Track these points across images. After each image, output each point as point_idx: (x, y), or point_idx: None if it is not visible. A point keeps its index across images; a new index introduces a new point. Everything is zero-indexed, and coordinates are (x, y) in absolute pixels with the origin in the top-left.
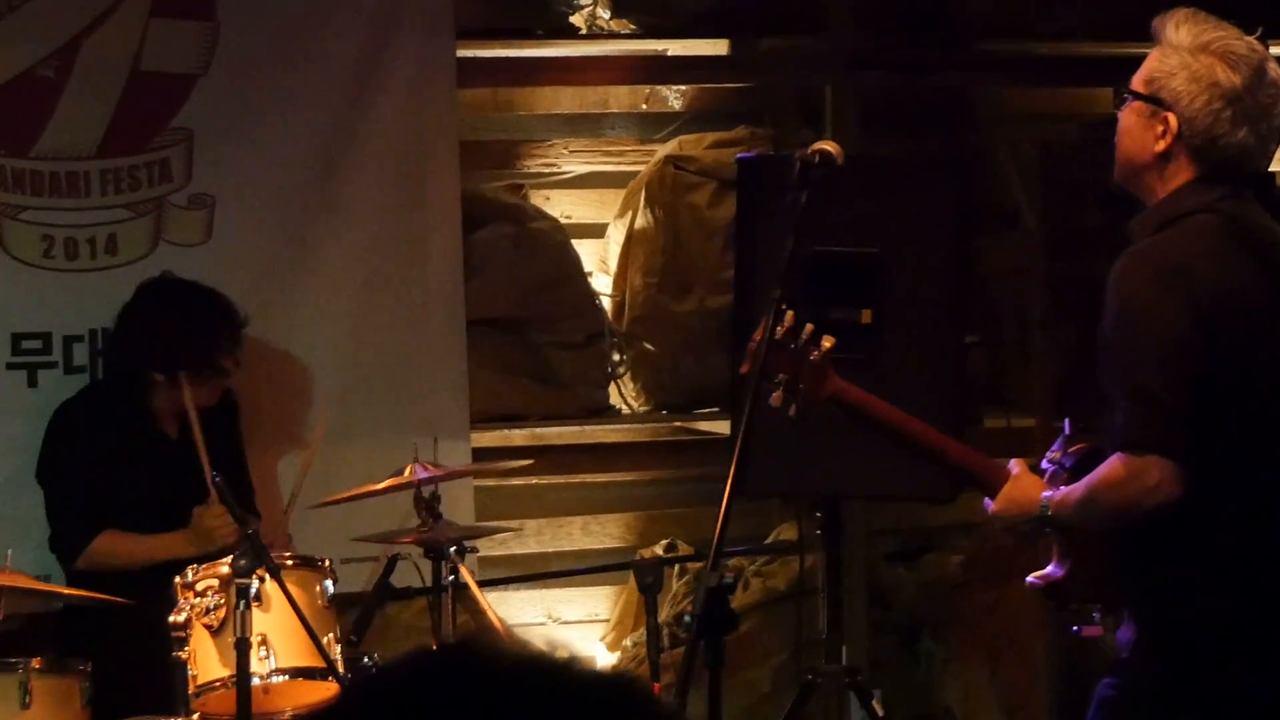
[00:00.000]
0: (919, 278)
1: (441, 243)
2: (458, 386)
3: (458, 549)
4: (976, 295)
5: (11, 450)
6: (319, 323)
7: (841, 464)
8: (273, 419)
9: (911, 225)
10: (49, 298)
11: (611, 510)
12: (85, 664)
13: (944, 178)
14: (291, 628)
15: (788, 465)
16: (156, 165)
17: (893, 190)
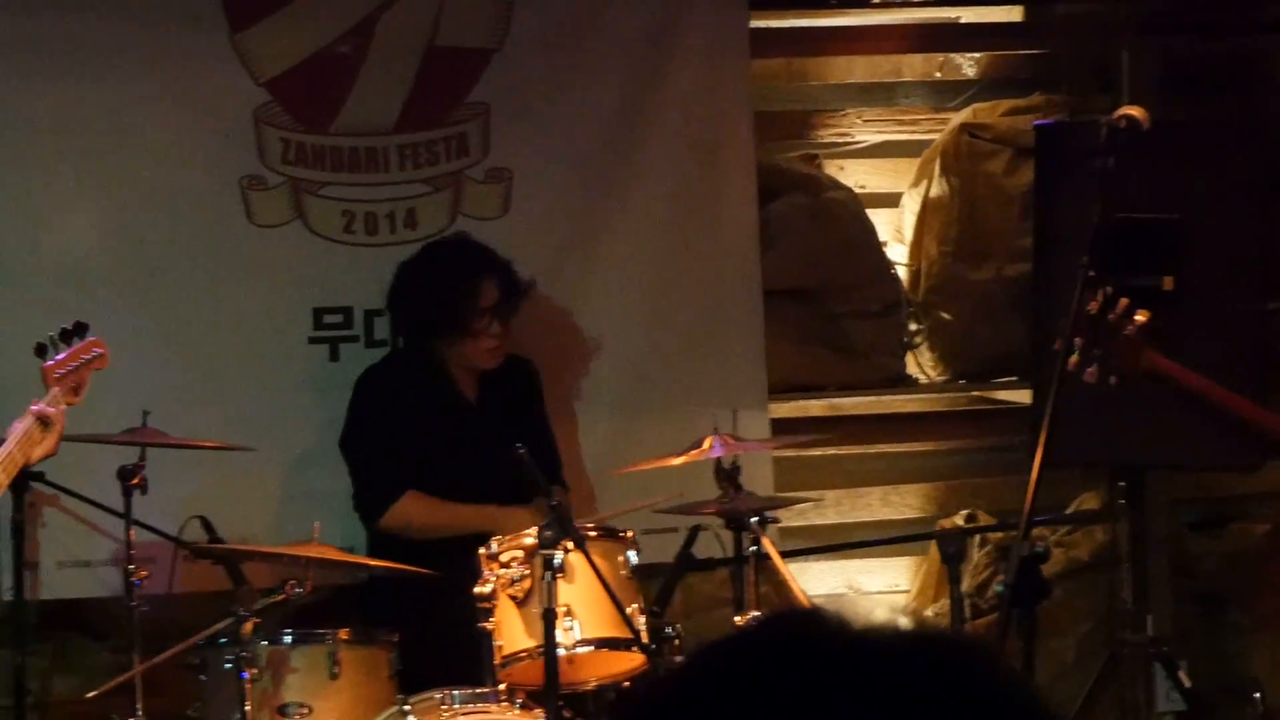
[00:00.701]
0: (1219, 243)
1: (737, 214)
2: (755, 357)
3: (759, 519)
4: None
5: (316, 424)
6: (617, 295)
7: (1146, 432)
8: (574, 391)
9: (1211, 190)
10: (350, 272)
11: (910, 480)
12: (392, 635)
13: (1243, 141)
14: (596, 598)
15: (1092, 434)
16: (454, 140)
17: (1192, 155)
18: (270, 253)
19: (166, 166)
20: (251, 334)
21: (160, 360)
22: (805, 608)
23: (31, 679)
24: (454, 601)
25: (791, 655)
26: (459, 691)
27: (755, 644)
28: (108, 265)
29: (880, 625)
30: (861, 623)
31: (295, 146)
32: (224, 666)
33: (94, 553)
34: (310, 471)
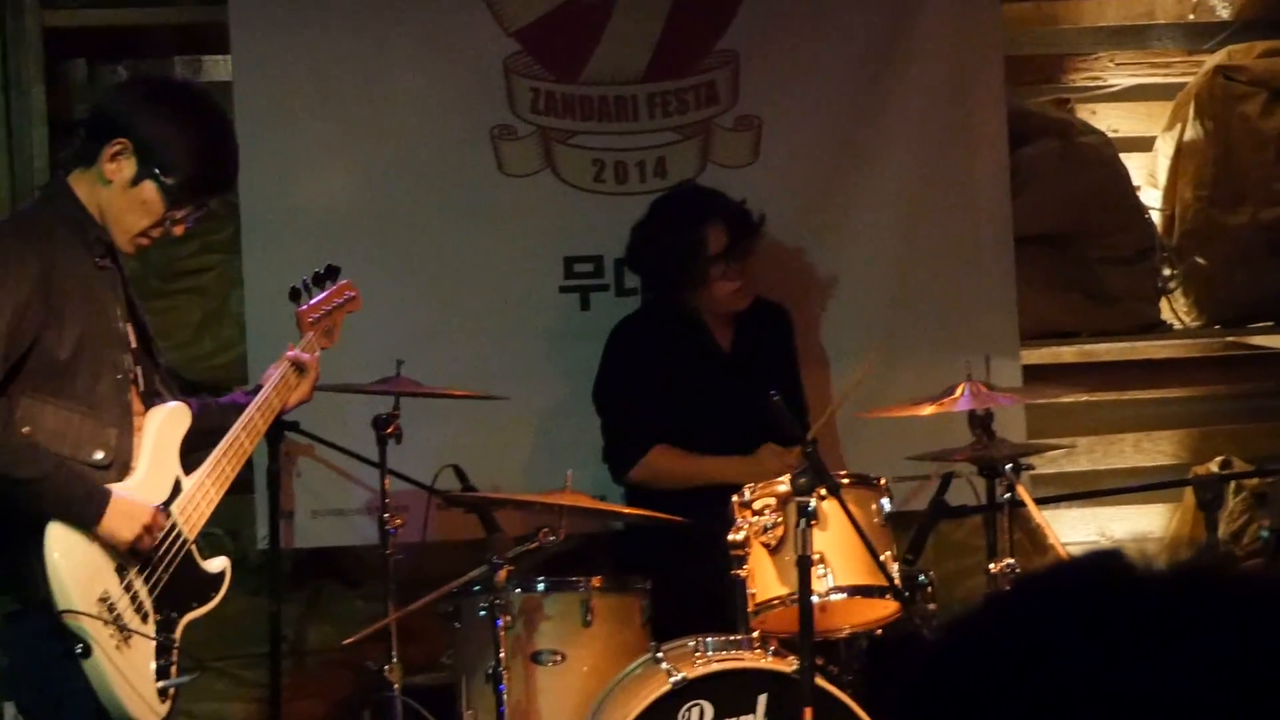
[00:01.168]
0: None
1: (987, 159)
2: (1007, 304)
3: (1013, 467)
4: None
5: (567, 373)
6: (867, 242)
7: None
8: (826, 339)
9: None
10: (600, 221)
11: (1164, 427)
12: (644, 582)
13: None
14: (849, 546)
15: None
16: (703, 87)
17: None
18: (521, 202)
19: (418, 117)
20: (503, 283)
21: (413, 309)
22: (1112, 550)
23: (286, 626)
24: (706, 549)
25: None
26: (712, 639)
27: (1064, 582)
28: (361, 216)
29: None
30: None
31: (545, 96)
32: (478, 614)
33: (348, 502)
34: (562, 420)
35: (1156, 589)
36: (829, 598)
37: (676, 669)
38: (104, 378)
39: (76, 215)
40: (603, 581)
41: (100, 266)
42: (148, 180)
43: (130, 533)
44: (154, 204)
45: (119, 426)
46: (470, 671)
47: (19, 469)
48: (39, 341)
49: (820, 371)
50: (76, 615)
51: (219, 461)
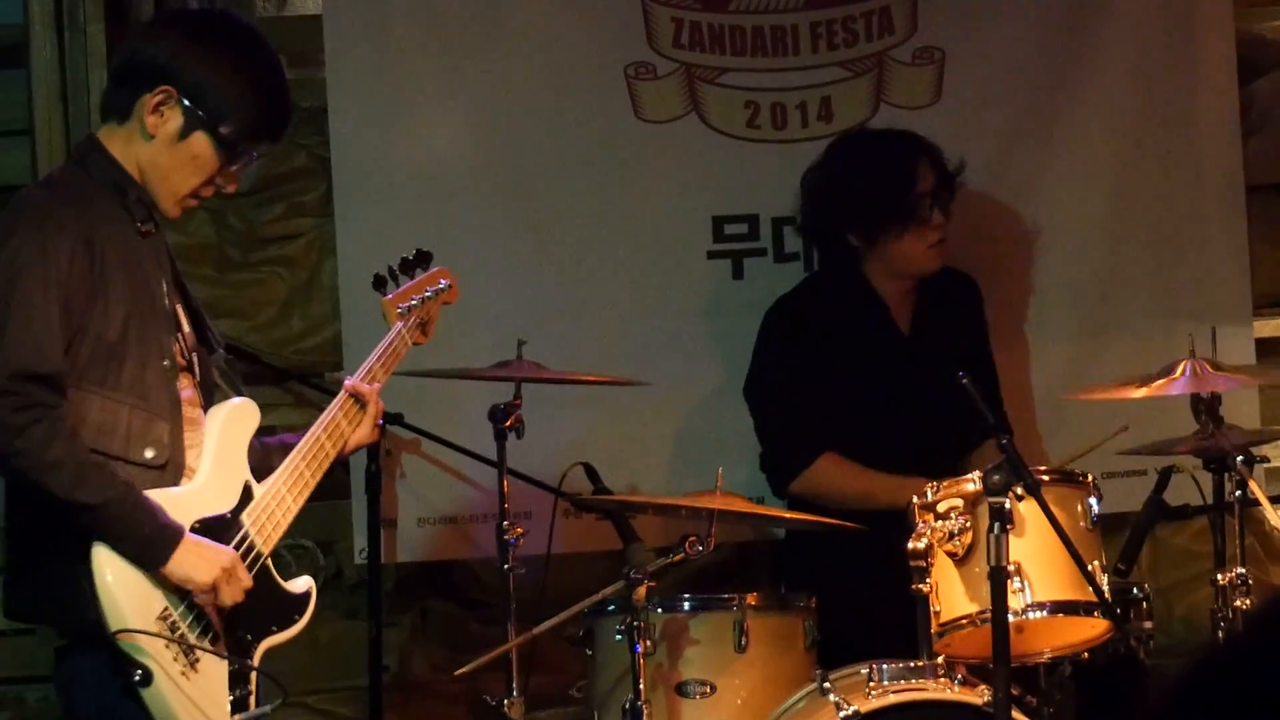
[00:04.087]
0: None
1: (1213, 97)
2: (1237, 265)
3: (1244, 459)
4: None
5: (717, 354)
6: (1070, 196)
7: None
8: (1020, 310)
9: None
10: (755, 174)
11: None
12: (808, 600)
13: None
14: (1051, 554)
15: None
16: (876, 15)
17: None
18: (662, 152)
19: (540, 56)
20: (641, 248)
21: (535, 281)
22: None
23: (388, 654)
24: (882, 560)
25: None
26: (889, 666)
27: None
28: (474, 171)
29: None
30: None
31: (689, 27)
32: (614, 638)
33: (461, 508)
34: (711, 410)
35: None
36: (1026, 615)
37: (847, 701)
38: (151, 364)
39: (114, 176)
40: (759, 599)
41: (144, 233)
42: (199, 131)
43: (207, 575)
44: (207, 159)
45: (169, 420)
46: (604, 706)
47: (79, 490)
48: (88, 323)
49: (1012, 352)
50: (132, 635)
51: (297, 466)
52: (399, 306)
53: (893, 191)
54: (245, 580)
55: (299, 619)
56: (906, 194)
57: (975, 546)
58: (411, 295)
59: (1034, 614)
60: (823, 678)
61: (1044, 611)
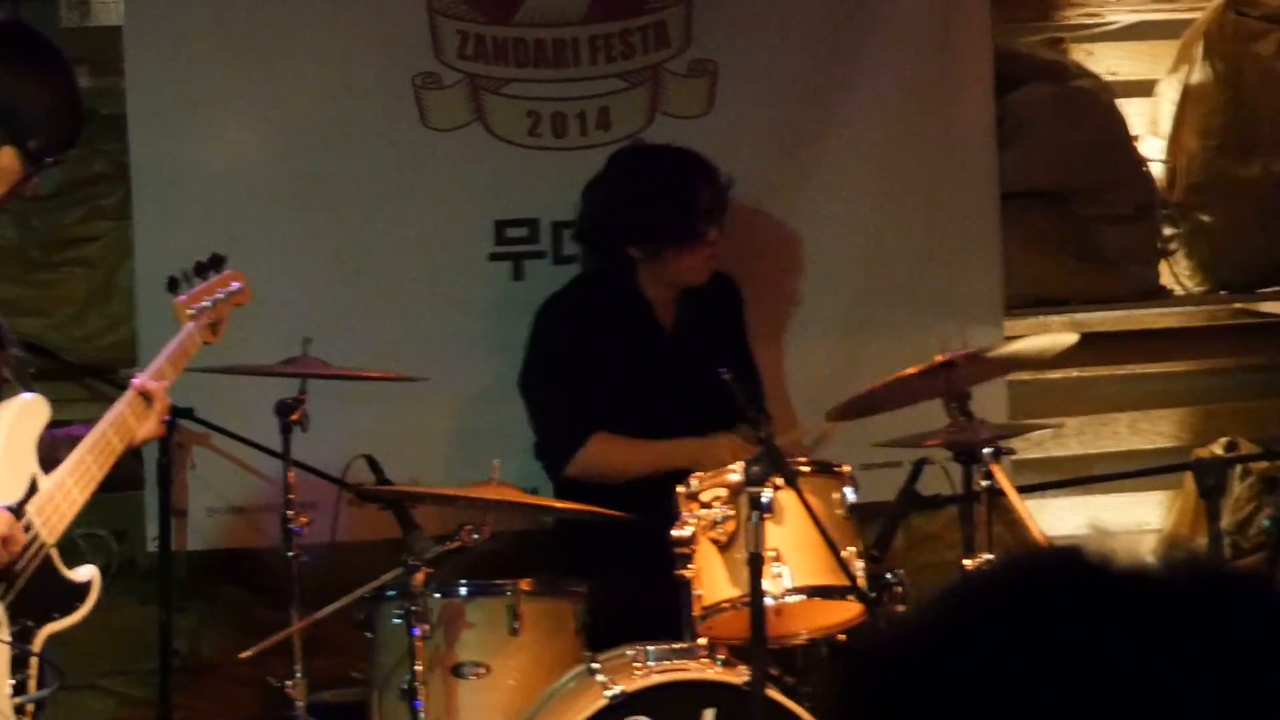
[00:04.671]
0: None
1: (972, 106)
2: (991, 268)
3: (992, 451)
4: None
5: (497, 352)
6: (835, 201)
7: None
8: (782, 308)
9: None
10: (535, 180)
11: (1163, 405)
12: (579, 585)
13: None
14: (808, 541)
15: None
16: (652, 29)
17: None
18: (446, 159)
19: (330, 66)
20: (425, 251)
21: (323, 282)
22: (1064, 545)
23: (179, 638)
24: (649, 548)
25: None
26: (654, 647)
27: (1020, 579)
28: (267, 177)
29: (1149, 561)
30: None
31: (474, 39)
32: (393, 622)
33: (249, 498)
34: (489, 405)
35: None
36: (784, 599)
37: (613, 682)
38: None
39: None
40: (532, 585)
41: None
42: (7, 146)
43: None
44: (12, 171)
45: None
46: (383, 686)
47: None
48: None
49: (776, 350)
50: None
51: (83, 459)
52: (190, 308)
53: (675, 213)
54: (19, 545)
55: (80, 606)
56: (687, 216)
57: (737, 534)
58: (203, 297)
59: (791, 598)
60: (591, 659)
61: (801, 595)
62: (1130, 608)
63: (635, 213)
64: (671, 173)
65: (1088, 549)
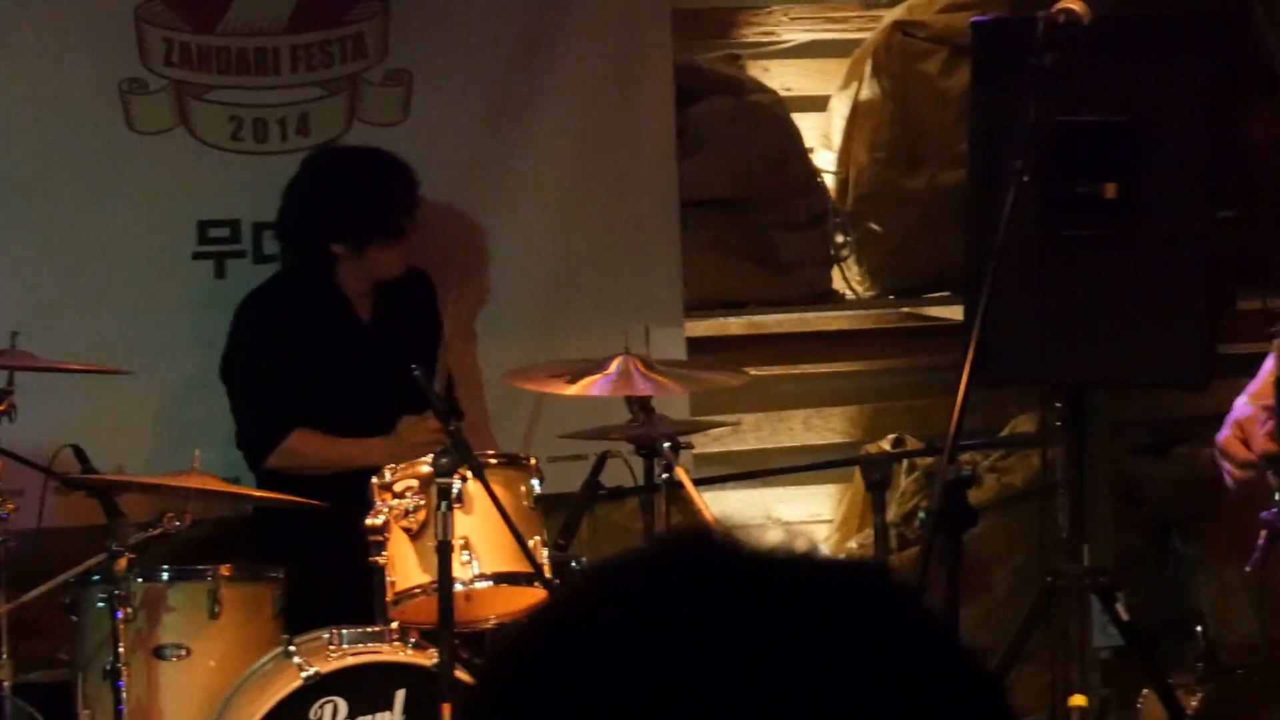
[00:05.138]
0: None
1: (654, 118)
2: (671, 271)
3: (671, 445)
4: (1232, 167)
5: (199, 346)
6: (524, 206)
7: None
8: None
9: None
10: (238, 183)
11: (835, 403)
12: (277, 571)
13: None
14: (495, 530)
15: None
16: (350, 40)
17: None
18: (151, 162)
19: (37, 70)
20: (130, 249)
21: (31, 278)
22: (694, 529)
23: None
24: (344, 535)
25: (677, 577)
26: (348, 630)
27: (641, 566)
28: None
29: (776, 548)
30: (756, 545)
31: (179, 47)
32: (96, 605)
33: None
34: (192, 397)
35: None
36: (473, 586)
37: (309, 663)
38: None
39: None
40: (232, 570)
41: None
42: None
43: None
44: None
45: None
46: (87, 668)
47: None
48: None
49: (469, 345)
50: None
51: None
52: None
53: (375, 209)
54: None
55: None
56: (387, 211)
57: (428, 523)
58: None
59: (480, 584)
60: (289, 642)
61: (489, 582)
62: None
63: (337, 209)
64: (369, 170)
65: (715, 534)
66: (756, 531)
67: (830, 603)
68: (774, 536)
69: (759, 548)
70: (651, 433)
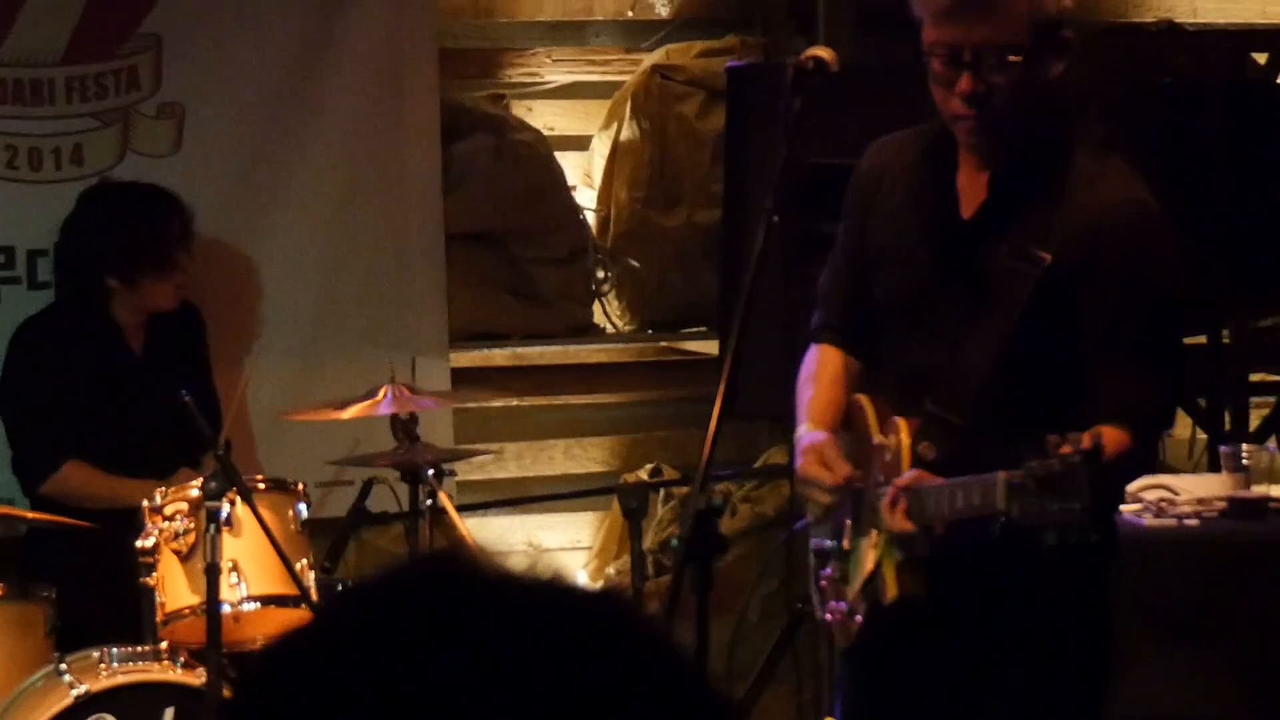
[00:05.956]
0: None
1: (420, 154)
2: (436, 303)
3: (436, 472)
4: None
5: None
6: (293, 236)
7: None
8: (244, 336)
9: None
10: (13, 210)
11: (595, 433)
12: (49, 590)
13: None
14: (263, 553)
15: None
16: (124, 73)
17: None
18: None
19: None
20: None
21: None
22: (443, 552)
23: None
24: (116, 555)
25: (422, 603)
26: (118, 649)
27: (388, 589)
28: None
29: (520, 574)
30: (500, 570)
31: None
32: None
33: None
34: None
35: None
36: (241, 607)
37: (79, 681)
38: None
39: None
40: (4, 589)
41: None
42: None
43: None
44: None
45: None
46: None
47: None
48: None
49: (238, 372)
50: None
51: None
52: None
53: (150, 243)
54: None
55: None
56: (160, 244)
57: (197, 545)
58: None
59: (248, 606)
60: (59, 660)
61: (256, 604)
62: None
63: (113, 244)
64: (142, 205)
65: (456, 560)
66: (504, 557)
67: (566, 626)
68: (519, 561)
69: (504, 571)
70: (416, 459)
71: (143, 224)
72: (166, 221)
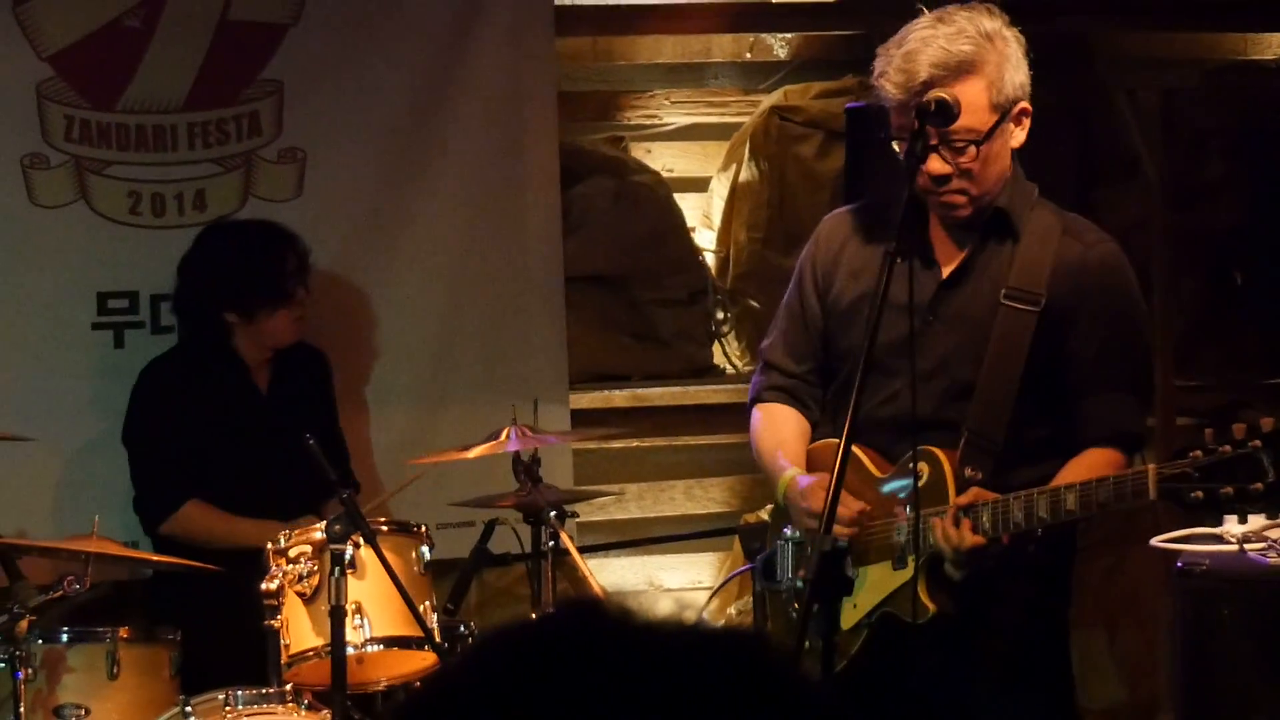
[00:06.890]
0: None
1: (540, 197)
2: (557, 346)
3: (557, 514)
4: None
5: (98, 413)
6: (414, 280)
7: None
8: (367, 382)
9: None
10: (136, 256)
11: (715, 474)
12: (174, 633)
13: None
14: (387, 595)
15: None
16: (246, 118)
17: None
18: (52, 234)
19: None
20: (32, 319)
21: None
22: (588, 599)
23: None
24: (240, 598)
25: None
26: (243, 692)
27: (535, 635)
28: None
29: (664, 619)
30: (646, 617)
31: (80, 124)
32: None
33: None
34: (91, 463)
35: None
36: (365, 649)
37: None
38: None
39: None
40: (130, 632)
41: None
42: None
43: None
44: None
45: None
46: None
47: None
48: None
49: (359, 415)
50: None
51: None
52: None
53: (265, 275)
54: None
55: None
56: (276, 276)
57: (321, 587)
58: None
59: (371, 648)
60: (185, 702)
61: (380, 645)
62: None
63: (229, 278)
64: (257, 239)
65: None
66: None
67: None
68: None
69: (648, 618)
70: (538, 500)
71: (257, 256)
72: (281, 253)
